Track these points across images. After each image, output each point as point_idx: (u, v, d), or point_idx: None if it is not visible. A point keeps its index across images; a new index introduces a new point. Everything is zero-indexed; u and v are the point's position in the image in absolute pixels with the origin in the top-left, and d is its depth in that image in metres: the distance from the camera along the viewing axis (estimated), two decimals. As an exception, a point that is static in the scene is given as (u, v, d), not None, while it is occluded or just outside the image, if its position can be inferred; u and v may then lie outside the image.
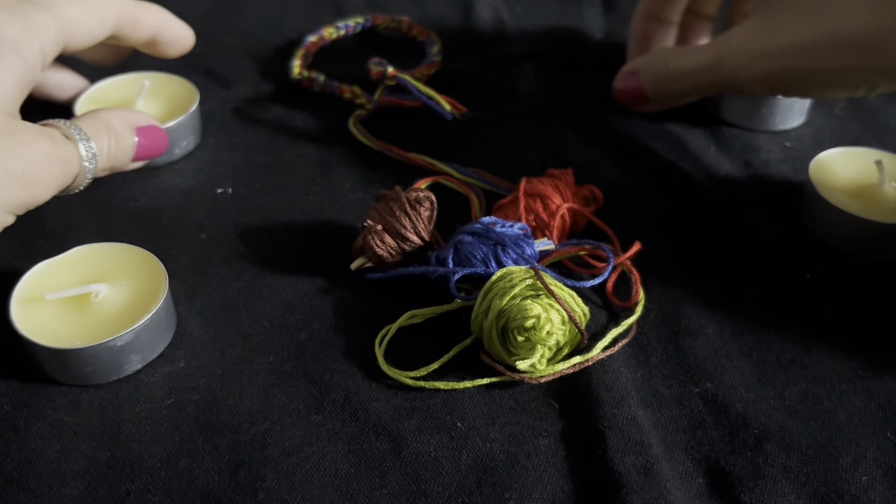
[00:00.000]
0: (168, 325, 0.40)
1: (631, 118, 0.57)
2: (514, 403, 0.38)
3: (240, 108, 0.58)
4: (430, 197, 0.44)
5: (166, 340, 0.40)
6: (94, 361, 0.37)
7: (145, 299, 0.39)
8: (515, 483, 0.35)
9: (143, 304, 0.39)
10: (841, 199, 0.46)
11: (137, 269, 0.41)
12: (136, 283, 0.40)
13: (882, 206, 0.46)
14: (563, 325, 0.38)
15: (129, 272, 0.40)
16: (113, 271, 0.40)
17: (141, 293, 0.39)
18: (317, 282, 0.44)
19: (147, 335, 0.39)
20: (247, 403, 0.38)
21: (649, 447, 0.36)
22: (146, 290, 0.39)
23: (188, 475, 0.35)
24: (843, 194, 0.47)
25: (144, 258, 0.41)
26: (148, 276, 0.40)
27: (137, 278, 0.40)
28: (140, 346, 0.38)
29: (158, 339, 0.40)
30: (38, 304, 0.39)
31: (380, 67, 0.55)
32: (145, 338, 0.38)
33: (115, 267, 0.41)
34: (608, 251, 0.43)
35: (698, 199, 0.50)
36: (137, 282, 0.40)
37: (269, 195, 0.50)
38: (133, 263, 0.41)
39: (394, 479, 0.35)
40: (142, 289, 0.40)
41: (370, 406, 0.38)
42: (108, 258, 0.41)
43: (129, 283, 0.40)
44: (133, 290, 0.40)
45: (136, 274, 0.40)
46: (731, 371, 0.40)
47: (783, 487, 0.35)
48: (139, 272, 0.40)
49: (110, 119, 0.43)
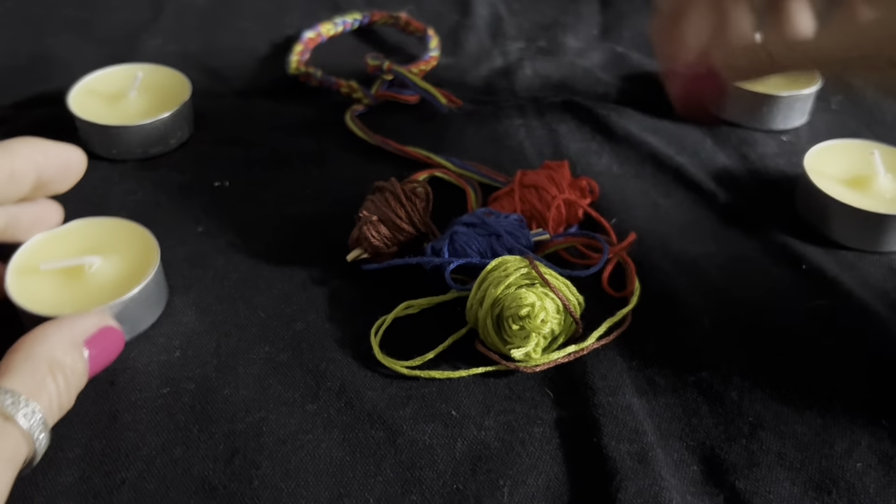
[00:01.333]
0: (159, 298, 0.41)
1: (627, 111, 0.57)
2: (509, 392, 0.38)
3: (237, 102, 0.58)
4: (425, 188, 0.44)
5: (156, 314, 0.41)
6: None
7: (137, 272, 0.40)
8: (510, 470, 0.35)
9: (135, 276, 0.40)
10: (836, 191, 0.46)
11: (131, 244, 0.41)
12: (129, 257, 0.41)
13: (877, 196, 0.46)
14: (558, 314, 0.38)
15: (123, 246, 0.41)
16: (107, 245, 0.41)
17: (133, 266, 0.40)
18: (313, 273, 0.44)
19: (136, 307, 0.39)
20: (242, 392, 0.38)
21: (644, 435, 0.36)
22: (138, 264, 0.40)
23: (183, 463, 0.35)
24: (839, 185, 0.47)
25: (138, 233, 0.42)
26: (140, 251, 0.41)
27: (131, 252, 0.41)
28: (129, 317, 0.39)
29: (148, 312, 0.40)
30: (34, 274, 0.39)
31: (376, 61, 0.55)
32: (134, 310, 0.39)
33: (110, 241, 0.41)
34: (603, 242, 0.43)
35: (694, 191, 0.51)
36: (130, 255, 0.41)
37: (265, 188, 0.50)
38: (127, 238, 0.42)
39: (389, 467, 0.35)
40: (134, 262, 0.40)
41: (365, 395, 0.38)
42: (103, 232, 0.42)
43: (123, 256, 0.41)
44: (126, 263, 0.41)
45: (129, 248, 0.41)
46: (725, 360, 0.40)
47: (778, 474, 0.35)
48: (132, 246, 0.41)
49: (52, 353, 0.34)
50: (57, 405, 0.33)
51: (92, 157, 0.51)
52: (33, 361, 0.33)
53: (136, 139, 0.51)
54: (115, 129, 0.50)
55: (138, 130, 0.51)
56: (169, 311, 0.42)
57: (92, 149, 0.52)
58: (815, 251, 0.46)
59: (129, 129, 0.51)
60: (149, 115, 0.51)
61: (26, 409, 0.31)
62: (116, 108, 0.52)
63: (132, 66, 0.55)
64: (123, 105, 0.52)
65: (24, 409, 0.31)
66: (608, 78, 0.62)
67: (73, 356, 0.34)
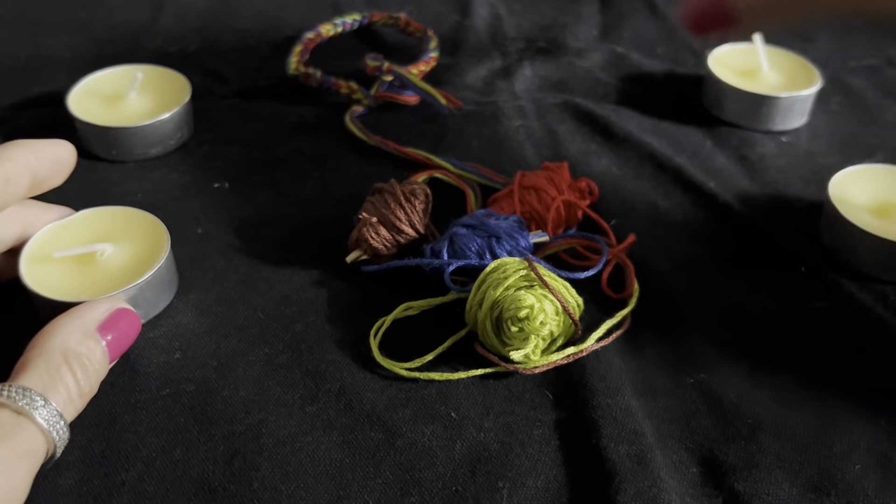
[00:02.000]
0: (170, 283, 0.42)
1: (626, 112, 0.57)
2: (508, 394, 0.38)
3: (236, 103, 0.58)
4: (425, 189, 0.44)
5: (168, 299, 0.42)
6: None
7: (148, 258, 0.41)
8: (509, 472, 0.35)
9: (146, 262, 0.41)
10: (861, 218, 0.45)
11: (142, 231, 0.42)
12: (140, 244, 0.42)
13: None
14: (557, 316, 0.38)
15: (134, 233, 0.42)
16: (118, 233, 0.42)
17: (144, 252, 0.41)
18: (312, 274, 0.44)
19: (149, 292, 0.40)
20: (242, 394, 0.38)
21: (643, 436, 0.36)
22: (149, 250, 0.41)
23: (183, 465, 0.35)
24: (863, 211, 0.46)
25: (148, 221, 0.43)
26: (151, 237, 0.42)
27: (141, 239, 0.42)
28: (143, 301, 0.40)
29: (160, 296, 0.41)
30: (47, 261, 0.40)
31: (376, 62, 0.55)
32: (148, 294, 0.40)
33: (121, 229, 0.42)
34: (603, 243, 0.44)
35: (693, 192, 0.51)
36: (141, 242, 0.42)
37: (265, 189, 0.50)
38: (137, 225, 0.43)
39: (388, 469, 0.35)
40: (145, 248, 0.41)
41: (365, 397, 0.38)
42: (113, 221, 0.43)
43: (133, 243, 0.42)
44: (137, 250, 0.41)
45: (140, 235, 0.42)
46: (725, 362, 0.40)
47: (777, 476, 0.35)
48: (143, 233, 0.42)
49: (66, 344, 0.34)
50: (77, 394, 0.34)
51: (91, 159, 0.52)
52: (47, 355, 0.33)
53: (135, 140, 0.51)
54: (115, 131, 0.50)
55: (138, 132, 0.51)
56: (169, 312, 0.42)
57: (91, 150, 0.52)
58: (815, 251, 0.46)
59: (128, 131, 0.51)
60: (148, 116, 0.51)
61: (40, 404, 0.32)
62: (116, 109, 0.52)
63: (132, 66, 0.55)
64: (123, 106, 0.52)
65: (38, 403, 0.32)
66: (608, 78, 0.62)
67: (87, 344, 0.35)
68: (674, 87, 0.61)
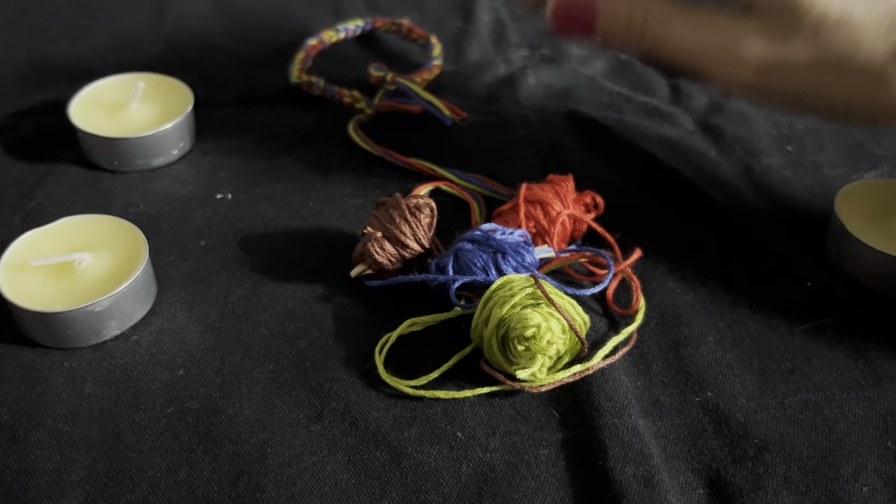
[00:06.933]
0: (147, 294, 0.42)
1: (631, 122, 0.57)
2: (514, 413, 0.38)
3: (239, 112, 0.57)
4: (430, 204, 0.44)
5: (145, 309, 0.42)
6: (74, 325, 0.39)
7: (126, 268, 0.41)
8: (516, 494, 0.35)
9: (124, 272, 0.41)
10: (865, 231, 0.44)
11: (120, 240, 0.42)
12: (119, 253, 0.42)
13: None
14: (564, 334, 0.38)
15: (112, 243, 0.42)
16: (97, 241, 0.42)
17: (122, 262, 0.41)
18: (316, 289, 0.44)
19: (125, 302, 0.40)
20: (247, 413, 0.38)
21: (650, 457, 0.36)
22: (127, 260, 0.41)
23: (188, 485, 0.35)
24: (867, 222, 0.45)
25: (127, 230, 0.43)
26: (129, 247, 0.42)
27: (120, 249, 0.42)
28: (118, 312, 0.40)
29: (136, 307, 0.41)
30: (24, 270, 0.40)
31: (380, 73, 0.55)
32: (123, 305, 0.40)
33: (100, 237, 0.43)
34: (609, 258, 0.43)
35: (699, 205, 0.50)
36: (120, 252, 0.42)
37: (268, 201, 0.50)
38: (117, 234, 0.43)
39: (394, 490, 0.35)
40: (123, 258, 0.41)
41: (370, 416, 0.38)
42: (92, 229, 0.43)
43: (112, 252, 0.42)
44: (115, 260, 0.42)
45: (118, 244, 0.42)
46: (731, 380, 0.40)
47: (784, 498, 0.35)
48: (122, 243, 0.42)
49: None
50: None
51: (94, 169, 0.52)
52: None
53: (138, 151, 0.51)
54: (118, 142, 0.50)
55: (141, 142, 0.51)
56: (173, 327, 0.42)
57: (94, 160, 0.52)
58: (822, 270, 0.46)
59: (131, 141, 0.50)
60: (151, 126, 0.51)
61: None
62: (118, 118, 0.52)
63: (133, 75, 0.55)
64: (125, 116, 0.52)
65: None
66: (612, 86, 0.61)
67: None
68: (679, 95, 0.60)
